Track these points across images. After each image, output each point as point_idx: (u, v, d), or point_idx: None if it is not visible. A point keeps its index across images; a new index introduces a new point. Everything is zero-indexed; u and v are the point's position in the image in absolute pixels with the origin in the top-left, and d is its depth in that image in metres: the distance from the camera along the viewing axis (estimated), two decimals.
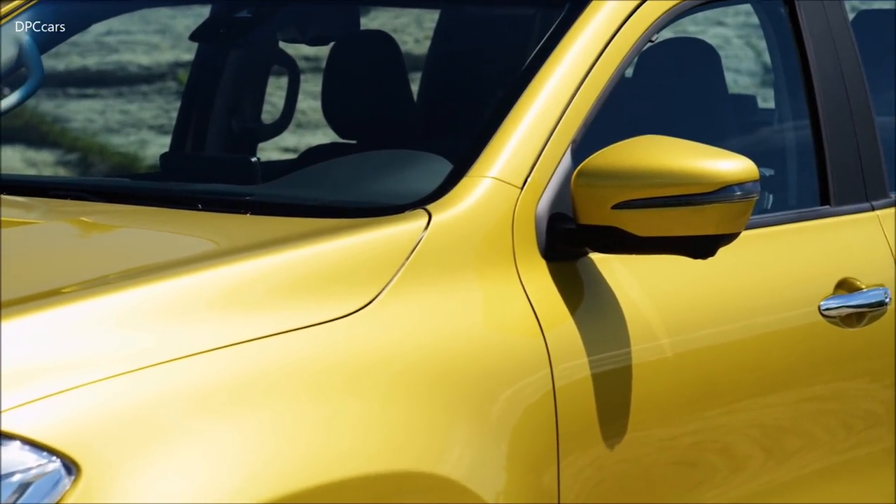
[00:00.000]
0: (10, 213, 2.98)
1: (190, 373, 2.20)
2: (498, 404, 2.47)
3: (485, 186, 2.60)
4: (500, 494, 2.42)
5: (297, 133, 7.28)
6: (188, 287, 2.30)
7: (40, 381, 2.10)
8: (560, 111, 2.69)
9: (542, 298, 2.58)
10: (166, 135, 8.70)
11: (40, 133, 9.01)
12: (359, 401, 2.32)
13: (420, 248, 2.50)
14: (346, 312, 2.38)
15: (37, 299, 2.24)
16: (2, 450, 2.04)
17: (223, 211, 2.77)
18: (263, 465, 2.18)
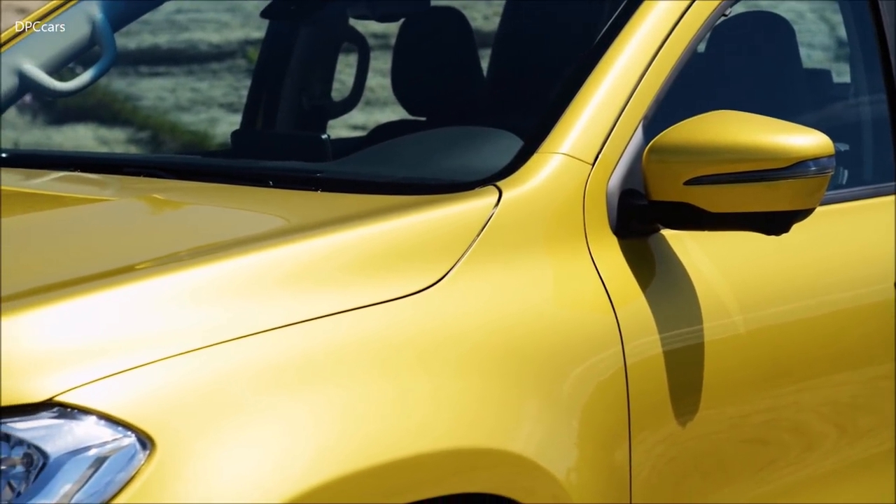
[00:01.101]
0: (84, 190, 3.01)
1: (262, 349, 2.21)
2: (569, 381, 2.47)
3: (555, 163, 2.59)
4: (571, 471, 2.42)
5: (366, 110, 7.29)
6: (260, 264, 2.31)
7: (115, 357, 2.12)
8: (632, 87, 2.68)
9: (614, 275, 2.57)
10: (236, 113, 8.74)
11: (112, 111, 9.08)
12: (429, 377, 2.32)
13: (491, 225, 2.49)
14: (418, 289, 2.38)
15: (111, 276, 2.26)
16: (78, 424, 2.06)
17: (294, 188, 2.78)
18: (335, 441, 2.19)
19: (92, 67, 3.52)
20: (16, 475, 2.04)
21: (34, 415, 2.05)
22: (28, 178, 3.09)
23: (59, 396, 2.06)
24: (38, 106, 8.78)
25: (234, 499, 2.09)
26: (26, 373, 2.06)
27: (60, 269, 2.34)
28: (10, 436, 2.04)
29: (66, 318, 2.14)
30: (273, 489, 2.11)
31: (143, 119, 9.22)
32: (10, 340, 2.10)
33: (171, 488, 2.06)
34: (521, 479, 2.37)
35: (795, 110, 3.20)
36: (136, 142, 9.03)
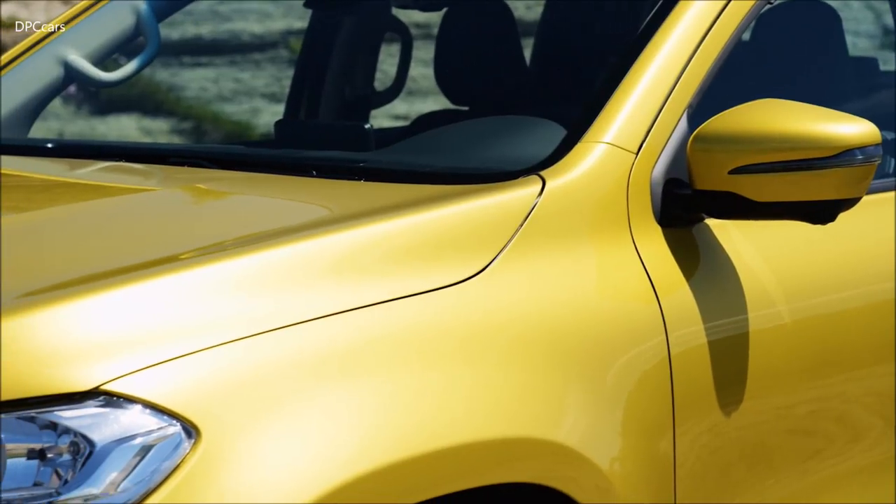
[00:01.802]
0: (128, 180, 3.02)
1: (306, 338, 2.21)
2: (612, 371, 2.46)
3: (599, 152, 2.58)
4: (614, 461, 2.41)
5: (408, 100, 7.29)
6: (303, 253, 2.32)
7: (160, 346, 2.13)
8: (676, 75, 2.66)
9: (657, 264, 2.56)
10: (278, 103, 8.76)
11: (155, 102, 9.12)
12: (473, 367, 2.32)
13: (534, 214, 2.49)
14: (461, 279, 2.38)
15: (156, 265, 2.27)
16: (124, 413, 2.07)
17: (337, 177, 2.78)
18: (378, 431, 2.19)
19: (136, 58, 3.54)
20: (63, 463, 2.06)
21: (81, 403, 2.06)
22: (73, 169, 3.11)
23: (106, 385, 2.07)
24: (82, 96, 8.83)
25: (278, 487, 2.10)
26: (73, 362, 2.08)
27: (106, 258, 2.35)
28: (57, 424, 2.06)
29: (111, 307, 2.16)
30: (316, 479, 2.12)
31: (185, 109, 9.26)
32: (57, 330, 2.11)
33: (215, 477, 2.07)
34: (565, 468, 2.37)
35: (842, 99, 3.18)
36: (179, 132, 9.07)
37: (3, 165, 3.15)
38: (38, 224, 2.58)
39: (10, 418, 2.04)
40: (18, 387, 2.05)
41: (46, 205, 2.80)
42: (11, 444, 2.04)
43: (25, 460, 2.04)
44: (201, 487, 2.06)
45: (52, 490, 2.04)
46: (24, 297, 2.18)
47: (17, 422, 2.04)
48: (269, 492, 2.09)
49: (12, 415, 2.04)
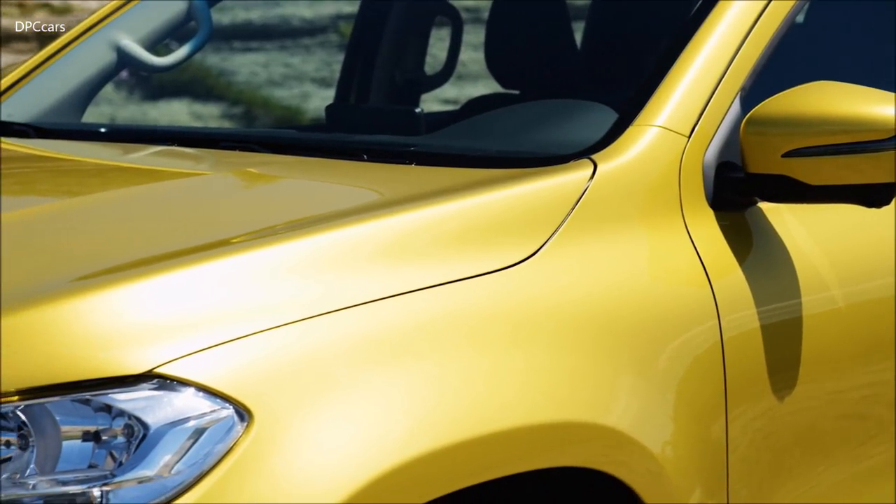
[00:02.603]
0: (180, 164, 3.04)
1: (357, 323, 2.21)
2: (664, 355, 2.45)
3: (651, 135, 2.57)
4: (666, 445, 2.40)
5: (458, 84, 7.28)
6: (354, 237, 2.32)
7: (212, 330, 2.14)
8: (729, 58, 2.65)
9: (710, 248, 2.55)
10: (328, 88, 8.78)
11: (206, 87, 9.16)
12: (523, 351, 2.31)
13: (585, 198, 2.48)
14: (511, 262, 2.37)
15: (208, 249, 2.28)
16: (177, 396, 2.08)
17: (388, 161, 2.78)
18: (429, 415, 2.19)
19: (188, 43, 3.55)
20: (117, 445, 2.07)
21: (135, 386, 2.07)
22: (126, 153, 3.13)
23: (159, 368, 2.08)
24: (133, 81, 8.88)
25: (330, 471, 2.10)
26: (127, 345, 2.09)
27: (159, 242, 2.36)
28: (111, 407, 2.07)
29: (165, 291, 2.17)
30: (367, 462, 2.12)
31: (236, 94, 9.29)
32: (111, 313, 2.12)
33: (268, 460, 2.08)
34: (616, 453, 2.36)
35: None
36: (230, 117, 9.10)
37: (58, 150, 3.18)
38: (91, 208, 2.60)
39: (66, 401, 2.06)
40: (73, 370, 2.06)
41: (99, 189, 2.82)
42: (67, 426, 2.06)
43: (80, 442, 2.06)
44: (254, 470, 2.07)
45: (106, 472, 2.05)
46: (79, 280, 2.20)
47: (72, 404, 2.06)
48: (320, 475, 2.09)
49: (67, 397, 2.06)
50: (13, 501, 2.02)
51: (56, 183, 2.94)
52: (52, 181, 2.96)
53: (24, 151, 3.19)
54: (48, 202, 2.76)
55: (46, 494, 2.03)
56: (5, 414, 2.05)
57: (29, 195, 2.86)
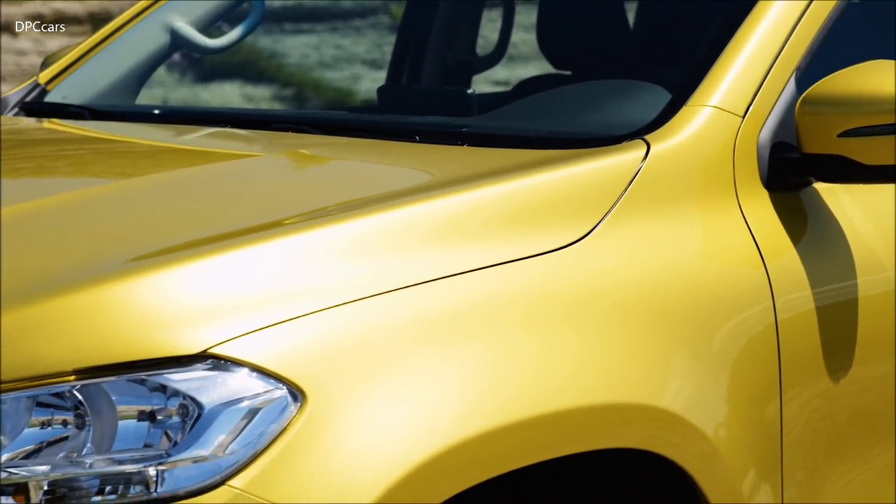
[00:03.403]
0: (233, 145, 3.05)
1: (409, 303, 2.22)
2: (718, 336, 2.44)
3: (705, 115, 2.55)
4: (720, 427, 2.39)
5: (508, 66, 7.27)
6: (407, 218, 2.32)
7: (265, 311, 2.14)
8: (784, 37, 2.63)
9: (764, 229, 2.53)
10: (379, 69, 8.78)
11: (257, 69, 9.18)
12: (576, 332, 2.31)
13: (638, 179, 2.47)
14: (564, 244, 2.37)
15: (261, 230, 2.28)
16: (231, 376, 2.09)
17: (440, 143, 2.78)
18: (481, 396, 2.19)
19: (240, 25, 3.56)
20: (172, 425, 2.08)
21: (189, 367, 2.08)
22: (179, 135, 3.14)
23: (213, 349, 2.09)
24: (185, 64, 8.92)
25: (383, 452, 2.10)
26: (181, 326, 2.10)
27: (212, 223, 2.37)
28: (166, 387, 2.08)
29: (219, 272, 2.18)
30: (420, 443, 2.12)
31: (287, 76, 9.31)
32: (166, 294, 2.13)
33: (321, 441, 2.09)
34: (669, 434, 2.36)
35: None
36: (281, 99, 9.13)
37: (112, 132, 3.20)
38: (145, 189, 2.61)
39: (121, 381, 2.07)
40: (128, 350, 2.08)
41: (153, 170, 2.83)
42: (122, 405, 2.07)
43: (136, 422, 2.07)
44: (307, 450, 2.08)
45: (161, 451, 2.07)
46: (134, 261, 2.21)
47: (128, 384, 2.07)
48: (373, 456, 2.10)
49: (123, 377, 2.07)
50: (70, 480, 2.04)
51: (110, 164, 2.96)
52: (106, 163, 2.98)
53: (79, 133, 3.21)
54: (103, 183, 2.77)
55: (103, 473, 2.04)
56: (62, 393, 2.06)
57: (84, 177, 2.88)
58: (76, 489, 2.04)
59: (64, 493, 2.04)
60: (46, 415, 2.06)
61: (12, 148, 3.14)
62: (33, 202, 2.51)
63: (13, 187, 2.79)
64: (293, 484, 2.06)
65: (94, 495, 2.04)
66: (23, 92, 3.46)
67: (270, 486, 2.05)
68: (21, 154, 3.07)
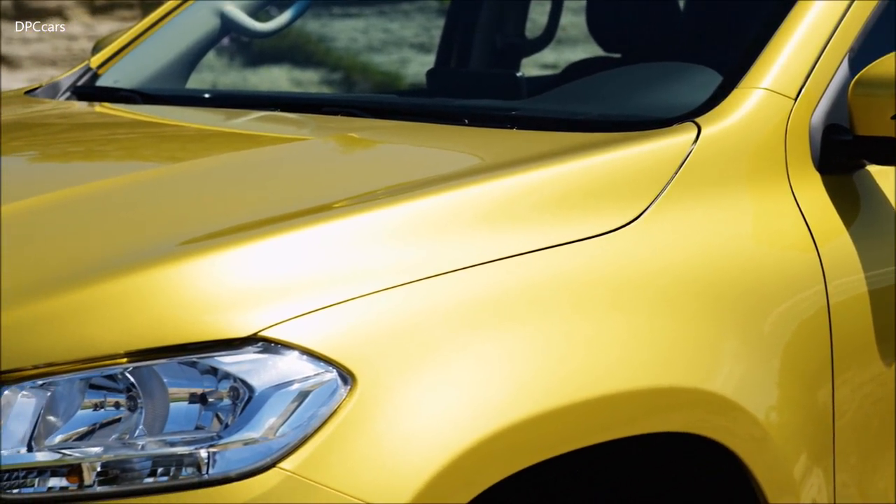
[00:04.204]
0: (283, 129, 3.05)
1: (458, 287, 2.21)
2: (769, 320, 2.43)
3: (756, 98, 2.54)
4: (771, 410, 2.38)
5: (557, 49, 7.25)
6: (456, 201, 2.32)
7: (315, 294, 2.15)
8: (837, 19, 2.61)
9: (816, 212, 2.52)
10: (427, 53, 8.77)
11: (306, 53, 9.20)
12: (625, 316, 2.30)
13: (689, 162, 2.46)
14: (614, 227, 2.36)
15: (310, 214, 2.29)
16: (281, 359, 2.10)
17: (489, 126, 2.77)
18: (531, 380, 2.19)
19: (289, 9, 3.57)
20: (223, 407, 2.09)
21: (240, 349, 2.09)
22: (229, 118, 3.15)
23: (263, 332, 2.10)
24: (234, 48, 8.94)
25: (432, 435, 2.11)
26: (232, 308, 2.11)
27: (261, 207, 2.38)
28: (217, 369, 2.09)
29: (269, 255, 2.18)
30: (469, 427, 2.12)
31: (335, 60, 9.32)
32: (216, 277, 2.14)
33: (370, 423, 2.09)
34: (719, 418, 2.35)
35: None
36: (329, 83, 9.14)
37: (163, 116, 3.21)
38: (196, 173, 2.62)
39: (173, 363, 2.08)
40: (179, 332, 2.09)
41: (203, 154, 2.84)
42: (174, 388, 2.08)
43: (187, 404, 2.08)
44: (357, 433, 2.08)
45: (213, 433, 2.08)
46: (185, 244, 2.22)
47: (179, 366, 2.09)
48: (422, 439, 2.10)
49: (174, 360, 2.08)
50: (123, 461, 2.05)
51: (161, 148, 2.97)
52: (157, 146, 2.99)
53: (130, 117, 3.23)
54: (154, 167, 2.79)
55: (155, 455, 2.06)
56: (114, 376, 2.08)
57: (135, 160, 2.90)
58: (129, 470, 2.05)
59: (117, 474, 2.05)
60: (99, 397, 2.08)
61: (64, 132, 3.17)
62: (85, 186, 2.53)
63: (66, 171, 2.81)
64: (343, 466, 2.06)
65: (147, 476, 2.05)
66: (74, 76, 3.48)
67: (320, 468, 2.06)
68: (73, 138, 3.09)
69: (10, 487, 2.04)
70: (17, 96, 3.51)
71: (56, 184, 2.58)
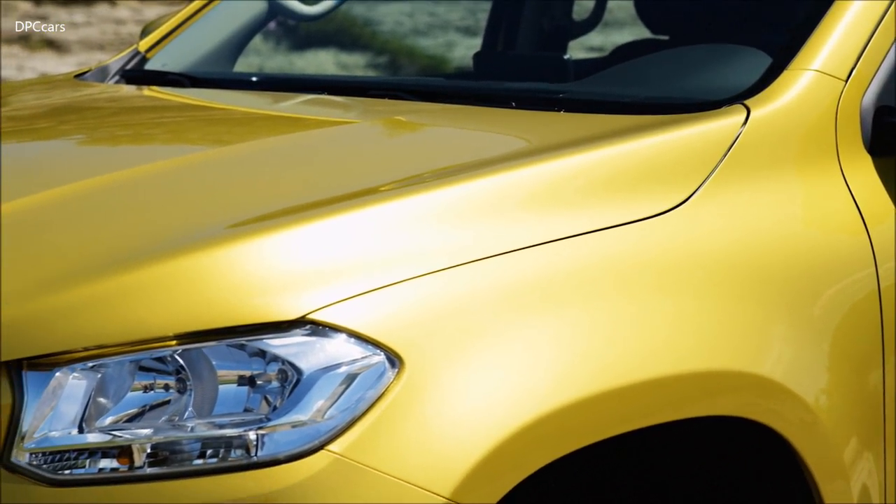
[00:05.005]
0: (330, 112, 3.06)
1: (505, 270, 2.21)
2: (819, 303, 2.41)
3: (806, 79, 2.52)
4: (820, 394, 2.37)
5: (604, 31, 7.22)
6: (503, 185, 2.31)
7: (363, 277, 2.15)
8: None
9: (867, 195, 2.50)
10: (473, 37, 8.75)
11: (352, 36, 9.19)
12: (672, 299, 2.29)
13: (738, 144, 2.44)
14: (662, 210, 2.35)
15: (358, 197, 2.29)
16: (329, 342, 2.10)
17: (536, 109, 2.77)
18: (578, 363, 2.18)
19: None
20: (271, 390, 2.10)
21: (288, 332, 2.10)
22: (277, 102, 3.16)
23: (312, 315, 2.10)
24: (281, 32, 8.96)
25: (480, 418, 2.11)
26: (280, 291, 2.11)
27: (309, 190, 2.38)
28: (265, 352, 2.10)
29: (316, 238, 2.19)
30: (516, 410, 2.12)
31: (381, 44, 9.31)
32: (264, 260, 2.15)
33: (418, 406, 2.09)
34: (768, 402, 2.34)
35: None
36: (375, 67, 9.14)
37: (211, 99, 3.22)
38: (243, 156, 2.63)
39: (222, 346, 2.09)
40: (228, 315, 2.10)
41: (251, 138, 2.85)
42: (223, 370, 2.09)
43: (236, 386, 2.09)
44: (404, 416, 2.08)
45: (261, 416, 2.08)
46: (233, 227, 2.23)
47: (228, 349, 2.09)
48: (469, 422, 2.10)
49: (223, 342, 2.09)
50: (172, 443, 2.06)
51: (209, 132, 2.98)
52: (205, 130, 3.00)
53: (178, 101, 3.24)
54: (202, 151, 2.80)
55: (204, 437, 2.07)
56: (164, 358, 2.09)
57: (184, 144, 2.91)
58: (178, 452, 2.06)
59: (166, 455, 2.06)
60: (149, 379, 2.09)
61: (113, 115, 3.18)
62: (135, 169, 2.54)
63: (115, 154, 2.83)
64: (390, 449, 2.07)
65: (196, 458, 2.06)
66: (123, 60, 3.49)
67: (368, 450, 2.06)
68: (122, 121, 3.11)
69: (61, 468, 2.05)
70: (66, 80, 3.53)
71: (105, 167, 2.59)
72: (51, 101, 3.31)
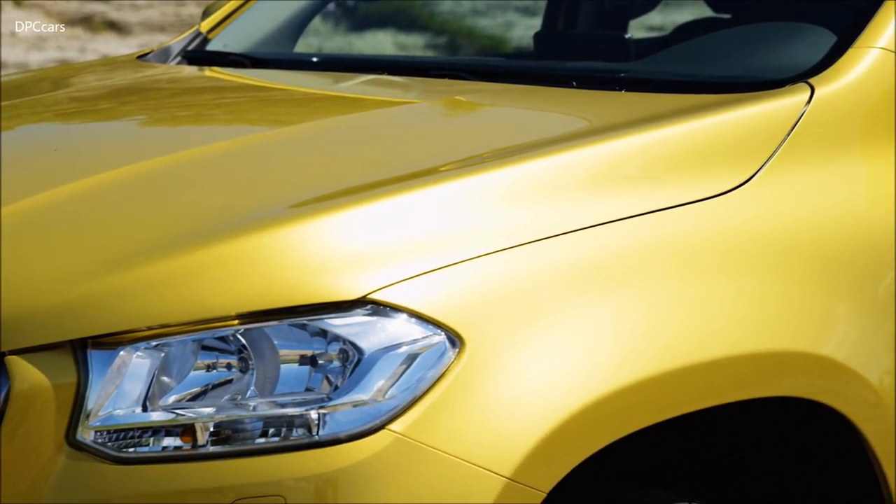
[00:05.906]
0: (390, 92, 3.06)
1: (565, 250, 2.20)
2: (883, 283, 2.39)
3: (872, 57, 2.49)
4: (885, 375, 2.35)
5: (664, 11, 7.17)
6: (564, 164, 2.31)
7: (423, 257, 2.15)
8: None
9: None
10: (531, 17, 8.71)
11: (410, 17, 9.19)
12: (733, 279, 2.28)
13: (802, 123, 2.42)
14: (725, 189, 2.33)
15: (418, 177, 2.29)
16: (390, 322, 2.11)
17: (597, 88, 2.75)
18: (638, 343, 2.18)
19: None
20: (333, 369, 2.10)
21: (349, 312, 2.10)
22: (337, 82, 3.16)
23: (372, 294, 2.10)
24: (340, 13, 8.97)
25: (539, 399, 2.10)
26: (341, 271, 2.12)
27: (369, 170, 2.38)
28: (326, 332, 2.10)
29: (377, 218, 2.19)
30: (576, 391, 2.12)
31: (440, 24, 9.30)
32: (325, 240, 2.15)
33: (479, 386, 2.09)
34: (831, 383, 2.32)
35: None
36: (433, 47, 9.12)
37: (272, 80, 3.23)
38: (304, 136, 2.64)
39: (283, 325, 2.10)
40: (289, 295, 2.10)
41: (311, 118, 2.86)
42: (284, 350, 2.10)
43: (297, 366, 2.10)
44: (465, 396, 2.09)
45: (323, 395, 2.09)
46: (294, 207, 2.23)
47: (290, 329, 2.10)
48: (530, 402, 2.10)
49: (285, 322, 2.10)
50: (235, 422, 2.08)
51: (269, 112, 2.99)
52: (265, 110, 3.01)
53: (239, 81, 3.25)
54: (263, 131, 2.81)
55: (266, 416, 2.08)
56: (226, 337, 2.10)
57: (244, 124, 2.92)
58: (241, 431, 2.07)
59: (229, 434, 2.07)
60: (211, 358, 2.10)
61: (174, 96, 3.20)
62: (196, 149, 2.55)
63: (176, 135, 2.84)
64: (451, 429, 2.07)
65: (258, 437, 2.07)
66: (185, 41, 3.51)
67: (429, 430, 2.07)
68: (183, 102, 3.12)
69: (126, 447, 2.07)
70: (129, 61, 3.55)
71: (167, 148, 2.60)
72: (113, 82, 3.33)
